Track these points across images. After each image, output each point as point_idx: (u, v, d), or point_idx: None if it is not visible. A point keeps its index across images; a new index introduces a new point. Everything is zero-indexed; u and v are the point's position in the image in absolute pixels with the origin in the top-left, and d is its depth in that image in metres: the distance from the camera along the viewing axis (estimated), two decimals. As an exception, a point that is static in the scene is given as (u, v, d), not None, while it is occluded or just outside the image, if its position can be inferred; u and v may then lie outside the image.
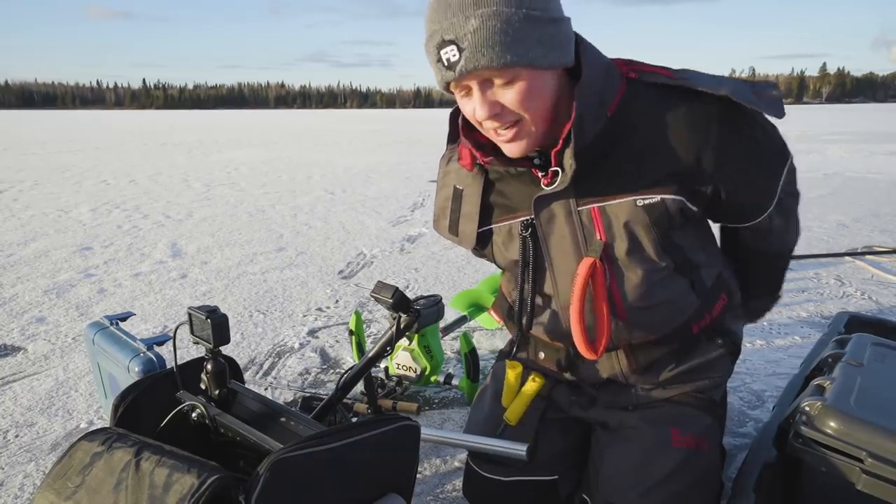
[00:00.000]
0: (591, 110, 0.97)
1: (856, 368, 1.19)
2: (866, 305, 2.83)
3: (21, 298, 3.01)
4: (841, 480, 1.03)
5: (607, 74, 1.01)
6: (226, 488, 0.79)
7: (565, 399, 1.29)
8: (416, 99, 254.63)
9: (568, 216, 1.08)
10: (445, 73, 0.93)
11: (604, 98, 0.99)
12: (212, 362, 1.06)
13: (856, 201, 5.70)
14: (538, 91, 0.94)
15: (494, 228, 1.19)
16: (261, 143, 15.02)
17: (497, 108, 0.95)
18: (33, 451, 1.69)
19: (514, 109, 0.95)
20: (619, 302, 1.11)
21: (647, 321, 1.14)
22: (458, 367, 2.21)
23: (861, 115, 33.22)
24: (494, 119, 0.96)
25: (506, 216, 1.16)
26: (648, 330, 1.15)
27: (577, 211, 1.07)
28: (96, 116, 53.79)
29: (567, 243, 1.10)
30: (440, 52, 0.91)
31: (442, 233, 1.28)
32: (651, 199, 1.02)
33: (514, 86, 0.93)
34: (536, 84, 0.93)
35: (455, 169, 1.21)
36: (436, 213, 1.29)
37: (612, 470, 1.16)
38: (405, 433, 0.98)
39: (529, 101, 0.94)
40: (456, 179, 1.21)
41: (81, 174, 8.40)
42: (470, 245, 1.23)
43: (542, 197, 1.07)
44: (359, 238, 4.36)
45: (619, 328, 1.14)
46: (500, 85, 0.93)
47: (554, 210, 1.09)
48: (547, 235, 1.12)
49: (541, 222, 1.11)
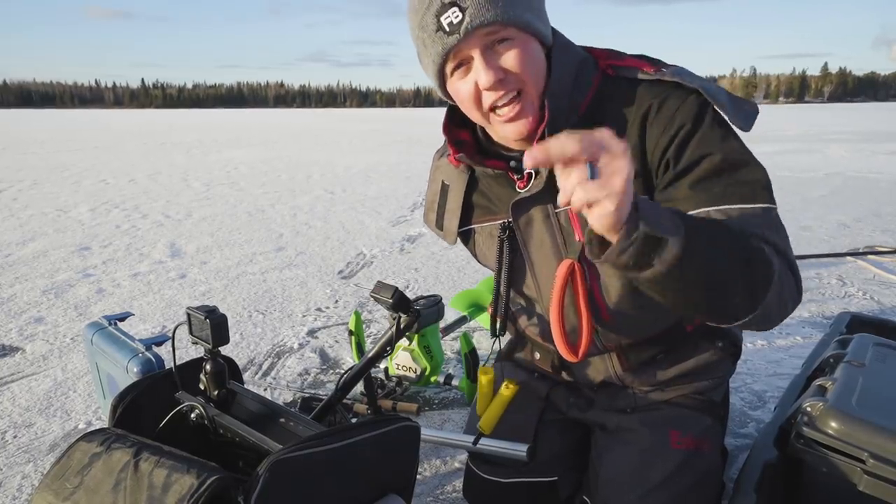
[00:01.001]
0: (562, 112, 0.97)
1: (857, 369, 1.19)
2: (868, 305, 2.83)
3: (19, 298, 3.01)
4: (842, 481, 1.02)
5: (579, 73, 0.99)
6: (225, 489, 0.78)
7: (563, 400, 1.29)
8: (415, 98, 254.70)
9: (546, 219, 1.07)
10: (448, 39, 0.90)
11: (575, 97, 0.98)
12: (211, 363, 1.05)
13: (857, 201, 5.70)
14: (535, 56, 0.94)
15: (476, 229, 1.19)
16: (260, 143, 15.03)
17: (501, 73, 0.92)
18: (31, 451, 1.69)
19: (517, 72, 0.92)
20: (602, 304, 1.10)
21: (633, 323, 1.12)
22: (458, 367, 2.20)
23: (862, 115, 33.26)
24: (499, 85, 0.93)
25: (486, 217, 1.16)
26: (636, 331, 1.14)
27: (554, 214, 1.06)
28: (95, 116, 53.83)
29: (547, 246, 1.09)
30: (440, 19, 0.90)
31: (429, 226, 1.29)
32: None
33: (514, 47, 0.92)
34: (533, 49, 0.94)
35: (444, 164, 1.21)
36: (425, 206, 1.30)
37: (612, 472, 1.15)
38: (405, 433, 0.97)
39: (530, 64, 0.93)
40: (444, 174, 1.22)
41: (80, 174, 8.40)
42: (452, 241, 1.23)
43: (519, 201, 1.06)
44: (359, 238, 4.35)
45: (605, 330, 1.13)
46: (501, 48, 0.92)
47: (532, 214, 1.08)
48: (526, 239, 1.11)
49: (519, 226, 1.10)
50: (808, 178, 7.47)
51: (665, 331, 1.14)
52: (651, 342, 1.15)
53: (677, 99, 0.94)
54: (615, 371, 1.19)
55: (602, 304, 1.10)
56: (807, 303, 2.86)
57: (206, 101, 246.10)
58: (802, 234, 4.20)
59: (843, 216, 4.95)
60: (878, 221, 4.76)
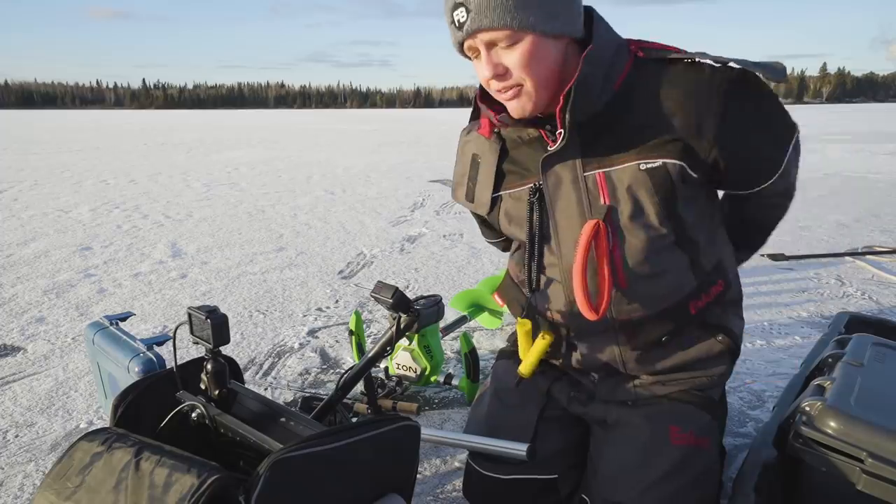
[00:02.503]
0: (597, 79, 1.03)
1: (856, 368, 1.19)
2: (867, 305, 2.84)
3: (21, 298, 3.01)
4: (841, 480, 1.03)
5: (618, 52, 1.06)
6: (226, 488, 0.79)
7: (564, 394, 1.29)
8: (416, 99, 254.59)
9: (574, 182, 1.12)
10: (457, 33, 1.02)
11: (611, 72, 1.05)
12: (211, 362, 1.06)
13: (856, 201, 5.70)
14: (540, 56, 1.01)
15: (504, 195, 1.23)
16: (261, 143, 15.02)
17: (500, 70, 1.02)
18: (33, 451, 1.69)
19: (515, 71, 1.01)
20: (620, 268, 1.13)
21: (645, 291, 1.15)
22: (458, 367, 2.21)
23: (861, 115, 33.24)
24: (498, 80, 1.03)
25: (516, 183, 1.21)
26: (646, 301, 1.15)
27: (583, 177, 1.11)
28: (96, 116, 53.82)
29: (573, 208, 1.13)
30: (453, 14, 1.01)
31: (459, 200, 1.34)
32: (653, 163, 1.06)
33: (516, 49, 1.00)
34: (539, 49, 1.00)
35: (474, 138, 1.26)
36: (454, 182, 1.35)
37: (611, 468, 1.16)
38: (405, 433, 0.98)
39: (530, 64, 1.00)
40: (475, 147, 1.26)
41: (81, 174, 8.40)
42: (484, 210, 1.28)
43: (548, 157, 1.11)
44: (359, 238, 4.36)
45: (618, 297, 1.15)
46: (503, 47, 1.00)
47: (561, 175, 1.12)
48: (553, 201, 1.15)
49: (548, 186, 1.14)
50: (807, 178, 7.47)
51: (671, 307, 1.16)
52: (658, 320, 1.16)
53: (712, 72, 1.03)
54: (620, 352, 1.20)
55: (621, 268, 1.13)
56: (805, 303, 2.87)
57: (207, 102, 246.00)
58: (801, 234, 4.19)
59: (842, 216, 4.95)
60: (877, 222, 4.76)
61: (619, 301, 1.15)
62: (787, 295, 2.99)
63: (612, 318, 1.17)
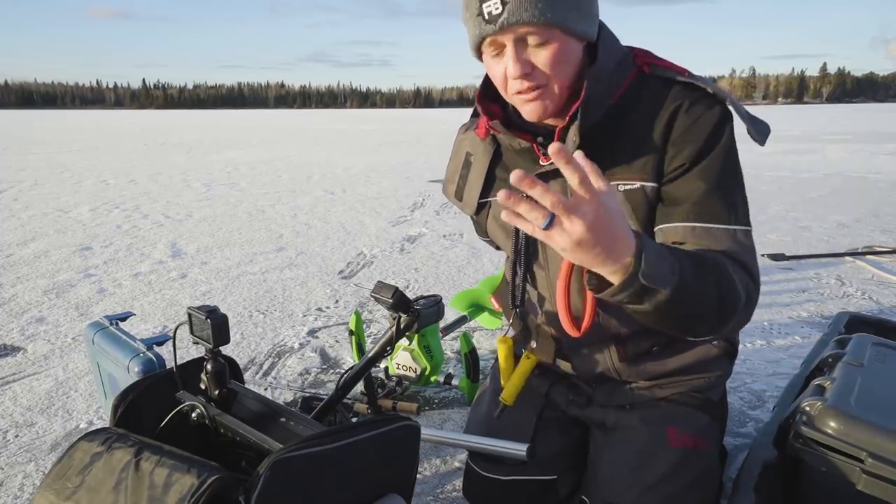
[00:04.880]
0: (599, 96, 1.01)
1: (856, 368, 1.19)
2: (867, 305, 2.83)
3: (21, 298, 3.01)
4: (841, 480, 1.03)
5: (620, 64, 1.04)
6: (226, 488, 0.79)
7: (563, 397, 1.29)
8: (416, 99, 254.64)
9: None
10: (485, 27, 0.95)
11: (610, 87, 1.03)
12: (211, 362, 1.06)
13: (856, 201, 5.70)
14: (567, 56, 0.98)
15: (493, 202, 1.22)
16: (261, 143, 15.02)
17: (528, 68, 0.97)
18: (33, 451, 1.69)
19: (545, 71, 0.97)
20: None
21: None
22: (458, 367, 2.21)
23: (861, 115, 33.24)
24: (525, 78, 0.98)
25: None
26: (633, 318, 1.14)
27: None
28: (96, 116, 53.82)
29: None
30: (482, 6, 0.94)
31: (448, 197, 1.32)
32: (631, 185, 1.05)
33: (547, 47, 0.95)
34: (567, 49, 0.97)
35: (471, 136, 1.25)
36: (446, 177, 1.33)
37: (610, 470, 1.16)
38: (405, 433, 0.98)
39: (559, 64, 0.97)
40: (469, 146, 1.25)
41: (81, 174, 8.40)
42: (471, 211, 1.27)
43: (539, 175, 1.09)
44: (359, 238, 4.36)
45: (605, 313, 1.14)
46: (533, 45, 0.96)
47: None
48: None
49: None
50: (807, 178, 7.47)
51: None
52: (647, 333, 1.16)
53: (705, 106, 1.01)
54: (612, 363, 1.20)
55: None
56: (805, 303, 2.86)
57: (207, 102, 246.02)
58: (801, 234, 4.19)
59: (842, 216, 4.94)
60: (877, 221, 4.76)
61: (608, 316, 1.15)
62: (787, 295, 2.99)
63: (601, 331, 1.16)
